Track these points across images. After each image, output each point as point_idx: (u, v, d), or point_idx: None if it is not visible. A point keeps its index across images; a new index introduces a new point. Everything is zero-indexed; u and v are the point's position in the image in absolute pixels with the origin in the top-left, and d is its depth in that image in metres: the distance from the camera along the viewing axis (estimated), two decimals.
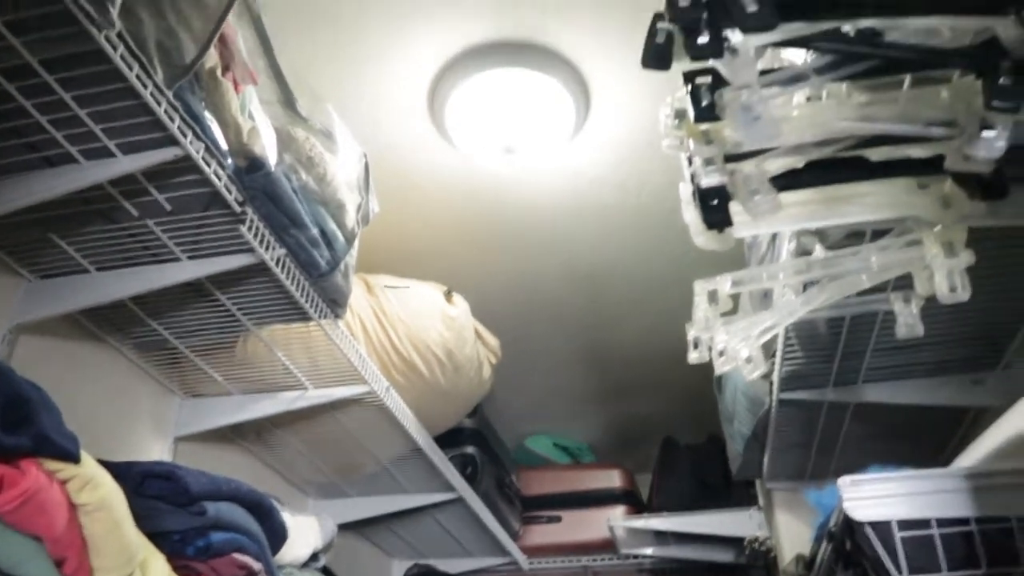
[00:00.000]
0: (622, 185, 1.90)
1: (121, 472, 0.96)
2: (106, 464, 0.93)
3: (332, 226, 1.34)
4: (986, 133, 0.80)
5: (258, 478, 1.92)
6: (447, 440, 2.19)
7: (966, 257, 1.03)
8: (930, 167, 0.94)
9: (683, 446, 2.87)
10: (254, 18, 1.19)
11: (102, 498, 0.86)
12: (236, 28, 1.15)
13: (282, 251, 1.26)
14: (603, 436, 3.22)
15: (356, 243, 1.43)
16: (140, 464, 1.10)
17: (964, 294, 1.05)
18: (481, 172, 1.83)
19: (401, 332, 1.80)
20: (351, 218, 1.39)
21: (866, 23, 0.80)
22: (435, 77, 1.62)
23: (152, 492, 1.06)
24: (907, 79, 0.92)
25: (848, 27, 0.81)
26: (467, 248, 2.15)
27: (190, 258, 1.25)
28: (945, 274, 1.05)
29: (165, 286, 1.26)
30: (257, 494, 1.25)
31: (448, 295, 1.93)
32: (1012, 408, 0.98)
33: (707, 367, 1.27)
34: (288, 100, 1.28)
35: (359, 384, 1.64)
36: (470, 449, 2.33)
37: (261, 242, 1.20)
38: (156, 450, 1.58)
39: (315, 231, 1.29)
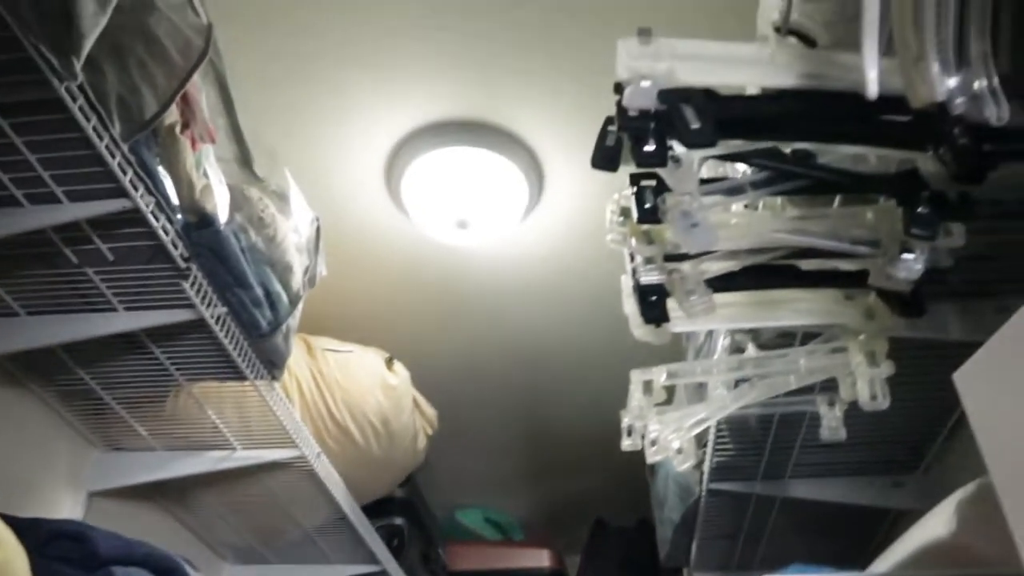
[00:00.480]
0: (569, 269, 1.94)
1: (26, 529, 0.92)
2: (11, 520, 0.89)
3: (277, 287, 1.33)
4: (905, 256, 0.85)
5: (174, 539, 1.84)
6: (376, 509, 2.14)
7: (886, 368, 1.08)
8: (856, 281, 0.99)
9: (613, 529, 2.85)
10: (219, 77, 1.20)
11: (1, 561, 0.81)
12: (200, 87, 1.16)
13: (223, 309, 1.24)
14: (535, 513, 3.18)
15: (300, 305, 1.42)
16: (49, 522, 1.05)
17: (884, 403, 1.10)
18: (433, 244, 1.85)
19: (338, 397, 1.77)
20: (297, 280, 1.38)
21: (800, 145, 0.85)
22: (394, 149, 1.66)
23: (57, 554, 1.00)
24: (837, 198, 0.98)
25: (785, 148, 0.87)
26: (413, 317, 2.15)
27: (127, 309, 1.23)
28: (867, 382, 1.10)
29: (98, 335, 1.23)
30: (172, 560, 1.19)
31: (389, 363, 1.92)
32: (921, 520, 1.02)
33: (642, 451, 1.30)
34: (245, 160, 1.29)
35: (290, 448, 1.60)
36: (398, 520, 2.28)
37: (203, 299, 1.19)
38: (68, 504, 1.51)
39: (259, 291, 1.28)
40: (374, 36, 1.45)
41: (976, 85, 0.64)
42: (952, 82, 0.64)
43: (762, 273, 0.99)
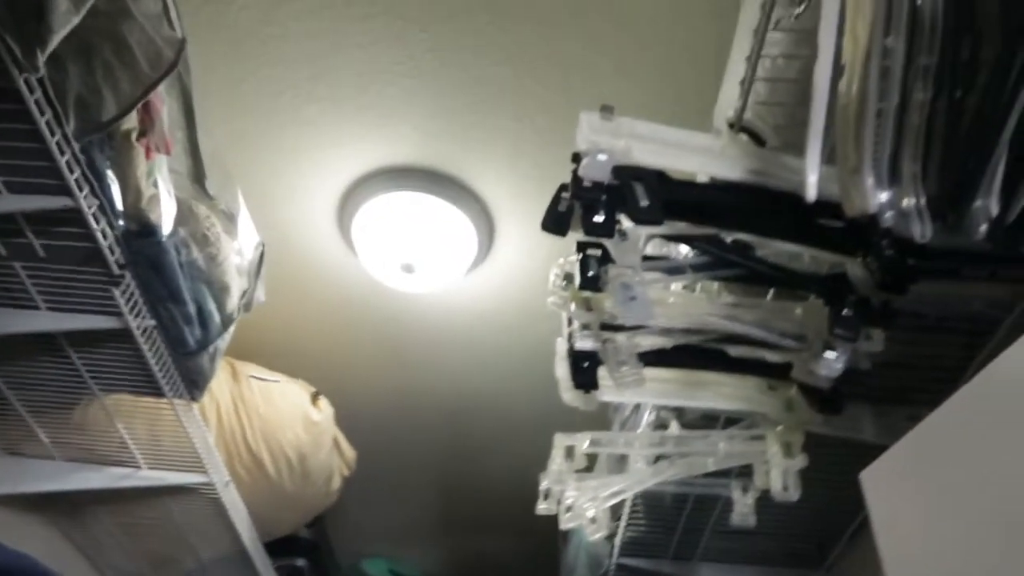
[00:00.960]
0: (508, 326, 1.95)
1: None
2: None
3: (211, 306, 1.31)
4: (828, 354, 0.89)
5: (59, 556, 1.74)
6: (278, 547, 2.06)
7: (800, 460, 1.12)
8: (780, 372, 1.03)
9: None
10: (184, 91, 1.20)
11: None
12: (164, 98, 1.15)
13: (151, 322, 1.21)
14: (443, 569, 3.11)
15: (232, 328, 1.40)
16: None
17: (794, 494, 1.13)
18: (377, 286, 1.84)
19: (256, 426, 1.73)
20: (233, 302, 1.36)
21: (741, 236, 0.89)
22: (350, 186, 1.66)
23: None
24: (771, 291, 1.03)
25: (727, 236, 0.91)
26: (346, 355, 2.12)
27: (50, 309, 1.18)
28: (780, 472, 1.13)
29: (15, 332, 1.18)
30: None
31: (315, 398, 1.88)
32: None
33: (557, 516, 1.30)
34: (198, 176, 1.28)
35: (198, 473, 1.54)
36: (300, 562, 2.20)
37: (132, 309, 1.16)
38: None
39: (192, 308, 1.25)
40: (344, 76, 1.47)
41: (905, 202, 0.68)
42: (884, 196, 0.69)
43: (693, 353, 1.02)
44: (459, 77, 1.46)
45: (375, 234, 1.69)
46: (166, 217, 1.15)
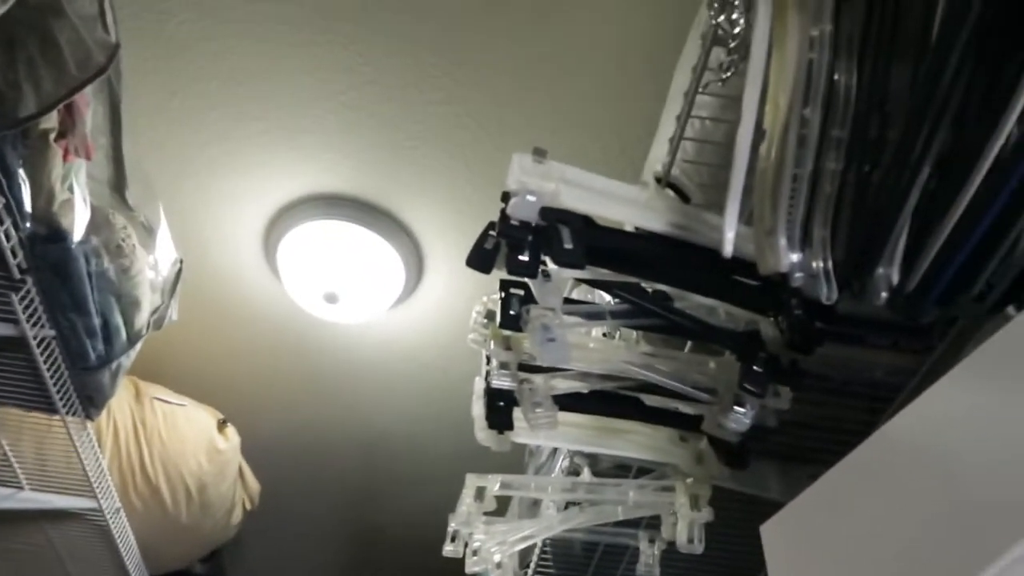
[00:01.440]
0: (430, 364, 1.93)
1: None
2: None
3: (118, 320, 1.25)
4: (737, 409, 0.91)
5: None
6: None
7: (706, 514, 1.13)
8: (692, 424, 1.04)
9: None
10: (112, 97, 1.16)
11: None
12: (90, 102, 1.12)
13: (51, 332, 1.15)
14: None
15: (139, 346, 1.34)
16: None
17: (699, 547, 1.13)
18: (298, 312, 1.80)
19: (156, 451, 1.65)
20: (143, 319, 1.30)
21: (661, 287, 0.91)
22: (279, 211, 1.64)
23: None
24: (689, 343, 1.05)
25: (648, 286, 0.93)
26: (260, 382, 2.06)
27: None
28: (687, 524, 1.13)
29: None
30: None
31: (222, 425, 1.81)
32: None
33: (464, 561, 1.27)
34: (119, 185, 1.23)
35: (86, 498, 1.46)
36: None
37: (30, 317, 1.10)
38: None
39: (97, 321, 1.20)
40: (282, 99, 1.46)
41: (814, 265, 0.71)
42: (795, 258, 0.71)
43: (609, 400, 1.03)
44: (399, 112, 1.47)
45: (301, 261, 1.66)
46: (78, 223, 1.10)
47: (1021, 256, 0.69)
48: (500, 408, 0.96)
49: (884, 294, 0.71)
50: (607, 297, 1.00)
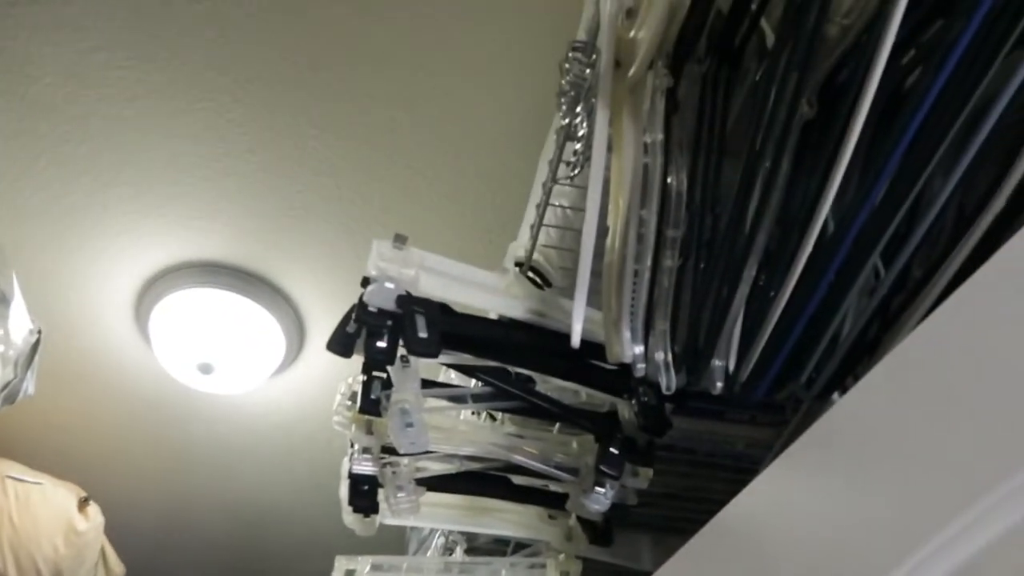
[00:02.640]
0: (312, 436, 1.89)
1: None
2: None
3: None
4: (598, 489, 0.93)
5: None
6: None
7: None
8: (559, 502, 1.06)
9: None
10: None
11: None
12: None
13: None
14: None
15: None
16: None
17: None
18: (170, 383, 1.73)
19: (5, 536, 1.52)
20: None
21: (523, 371, 0.93)
22: (152, 277, 1.59)
23: None
24: (557, 424, 1.07)
25: (512, 369, 0.94)
26: (128, 455, 1.95)
27: None
28: None
29: None
30: None
31: (83, 503, 1.70)
32: None
33: None
34: None
35: None
36: None
37: None
38: None
39: None
40: (154, 164, 1.43)
41: (656, 356, 0.75)
42: (638, 349, 0.74)
43: (478, 480, 1.03)
44: (278, 181, 1.46)
45: (174, 330, 1.60)
46: None
47: (843, 345, 0.75)
48: (364, 491, 0.95)
49: (719, 383, 0.75)
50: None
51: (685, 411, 1.01)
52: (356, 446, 0.93)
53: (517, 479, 1.05)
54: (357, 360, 1.74)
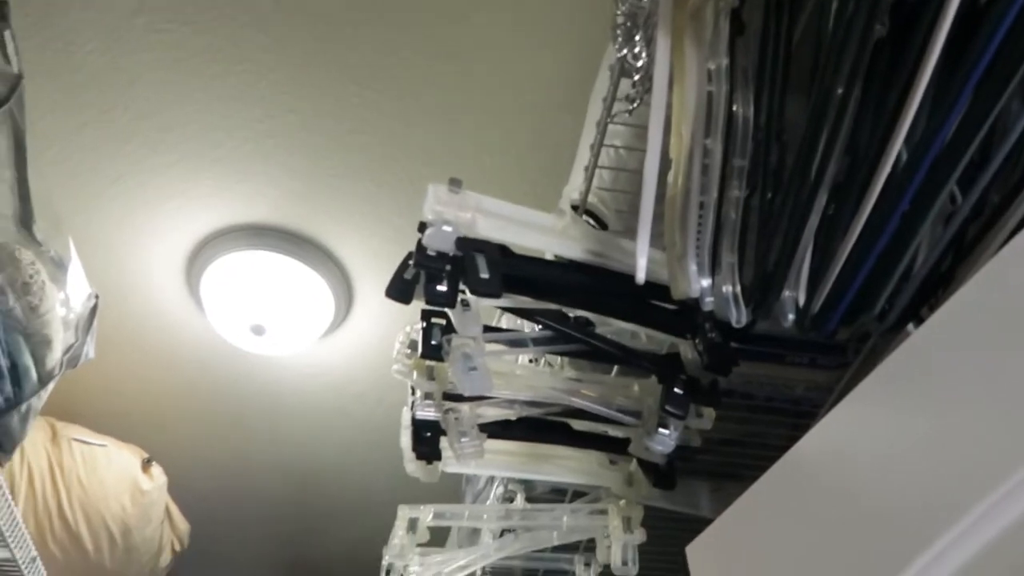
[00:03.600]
0: (362, 395, 1.91)
1: None
2: None
3: (27, 361, 1.20)
4: (661, 431, 0.92)
5: None
6: None
7: (639, 535, 1.13)
8: (620, 447, 1.05)
9: None
10: (16, 129, 1.12)
11: None
12: None
13: None
14: None
15: (51, 386, 1.28)
16: None
17: (632, 569, 1.14)
18: (224, 346, 1.76)
19: (75, 495, 1.57)
20: (54, 358, 1.25)
21: (582, 313, 0.92)
22: (201, 242, 1.60)
23: None
24: (615, 368, 1.06)
25: (568, 311, 0.93)
26: (187, 418, 2.00)
27: None
28: (620, 547, 1.14)
29: None
30: None
31: (147, 464, 1.75)
32: None
33: None
34: (25, 219, 1.18)
35: None
36: None
37: None
38: None
39: (3, 362, 1.14)
40: (198, 128, 1.43)
41: (724, 289, 0.73)
42: (705, 283, 0.73)
43: (537, 427, 1.03)
44: (320, 141, 1.45)
45: (225, 293, 1.62)
46: None
47: (917, 276, 0.72)
48: (426, 439, 0.95)
49: (791, 316, 0.73)
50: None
51: (745, 355, 1.00)
52: (417, 393, 0.94)
53: (577, 424, 1.04)
54: (404, 317, 1.75)
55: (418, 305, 0.85)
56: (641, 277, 0.75)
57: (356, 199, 1.54)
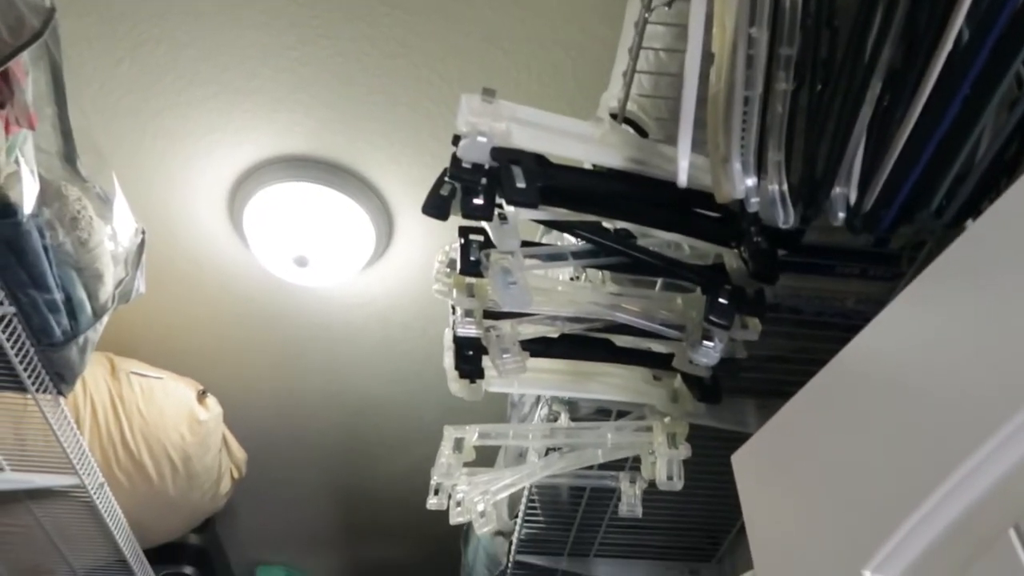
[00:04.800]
0: (407, 324, 1.92)
1: None
2: None
3: (81, 294, 1.23)
4: (706, 343, 0.91)
5: None
6: (164, 554, 1.97)
7: (684, 451, 1.13)
8: (664, 362, 1.04)
9: None
10: (53, 64, 1.12)
11: None
12: (28, 69, 1.08)
13: (11, 309, 1.13)
14: None
15: (105, 319, 1.32)
16: None
17: (678, 484, 1.14)
18: (269, 278, 1.78)
19: (136, 426, 1.64)
20: (106, 291, 1.28)
21: (623, 225, 0.90)
22: (241, 175, 1.61)
23: None
24: (659, 282, 1.04)
25: (608, 224, 0.91)
26: (237, 351, 2.04)
27: None
28: (665, 462, 1.14)
29: None
30: None
31: (202, 396, 1.80)
32: None
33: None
34: (69, 155, 1.20)
35: (68, 474, 1.45)
36: (188, 569, 2.10)
37: None
38: None
39: (58, 296, 1.17)
40: (232, 59, 1.42)
41: (770, 189, 0.70)
42: (750, 182, 0.70)
43: (579, 343, 1.02)
44: (354, 67, 1.43)
45: (267, 225, 1.63)
46: (28, 196, 1.07)
47: (979, 166, 0.68)
48: (469, 357, 0.96)
49: (841, 214, 0.70)
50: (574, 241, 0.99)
51: (793, 267, 0.97)
52: (458, 311, 0.93)
53: (620, 340, 1.03)
54: (447, 244, 1.73)
55: (439, 219, 0.84)
56: (683, 180, 0.73)
57: (392, 126, 1.52)
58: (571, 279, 1.07)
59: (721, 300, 0.86)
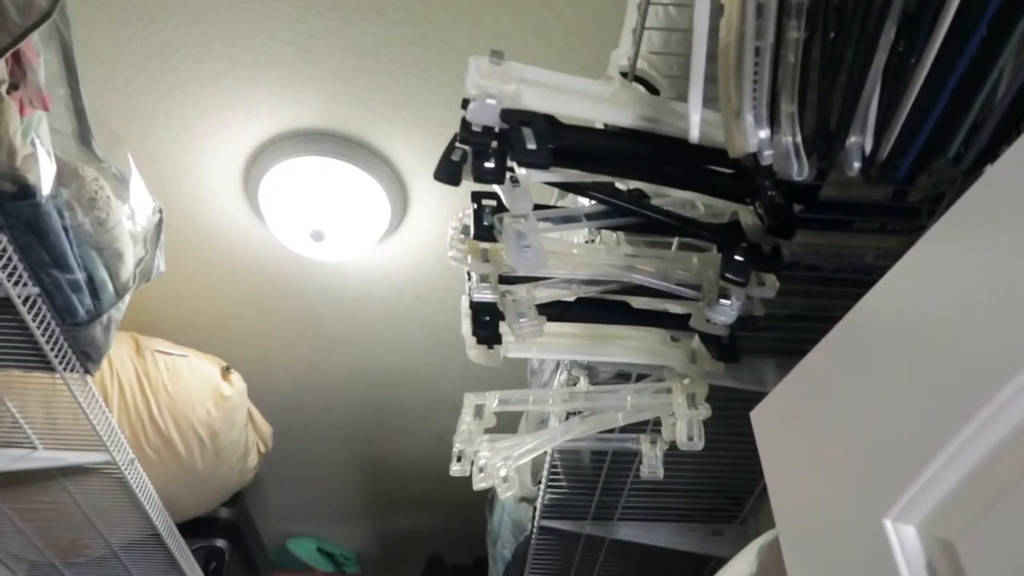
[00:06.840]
0: (425, 297, 1.93)
1: None
2: None
3: (103, 274, 1.24)
4: (723, 301, 0.90)
5: None
6: (196, 528, 2.01)
7: (704, 411, 1.13)
8: (681, 322, 1.04)
9: (449, 567, 2.82)
10: (63, 45, 1.13)
11: None
12: (40, 50, 1.08)
13: (35, 289, 1.14)
14: (372, 546, 3.10)
15: (127, 297, 1.33)
16: None
17: (699, 444, 1.15)
18: (287, 254, 1.80)
19: (163, 403, 1.67)
20: (127, 270, 1.30)
21: (636, 185, 0.89)
22: (256, 150, 1.61)
23: None
24: (676, 242, 1.03)
25: (622, 185, 0.91)
26: (258, 327, 2.07)
27: None
28: (685, 423, 1.14)
29: None
30: None
31: (226, 372, 1.83)
32: (727, 564, 1.07)
33: (484, 488, 1.29)
34: (84, 136, 1.21)
35: (99, 451, 1.48)
36: (220, 542, 2.15)
37: (11, 276, 1.09)
38: None
39: (80, 275, 1.19)
40: (241, 34, 1.42)
41: (784, 141, 0.69)
42: (763, 135, 0.69)
43: (595, 306, 1.02)
44: (362, 38, 1.42)
45: (283, 200, 1.64)
46: (45, 177, 1.08)
47: (997, 110, 0.67)
48: (486, 322, 0.96)
49: (857, 163, 0.69)
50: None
51: (810, 224, 0.96)
52: (474, 278, 0.94)
53: (636, 302, 1.03)
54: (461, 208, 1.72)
55: (451, 185, 0.83)
56: (695, 135, 0.72)
57: (402, 97, 1.52)
58: (586, 242, 1.07)
59: (737, 257, 0.85)
